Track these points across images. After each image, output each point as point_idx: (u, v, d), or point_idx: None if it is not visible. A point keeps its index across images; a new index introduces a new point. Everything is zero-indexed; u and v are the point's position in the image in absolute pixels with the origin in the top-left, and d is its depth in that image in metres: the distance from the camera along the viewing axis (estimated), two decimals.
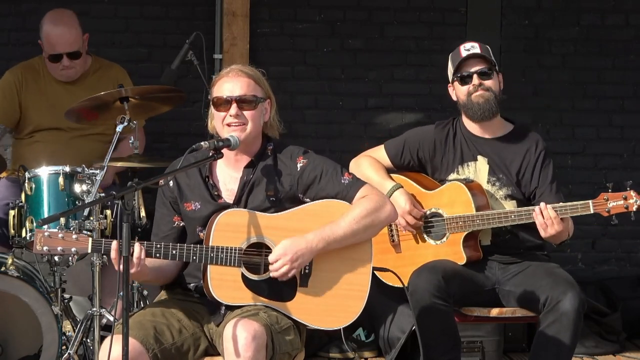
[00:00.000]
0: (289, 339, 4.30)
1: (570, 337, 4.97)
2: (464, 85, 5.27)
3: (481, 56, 5.26)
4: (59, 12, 6.06)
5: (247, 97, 4.44)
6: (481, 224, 5.14)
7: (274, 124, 4.56)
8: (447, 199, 5.24)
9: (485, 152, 5.30)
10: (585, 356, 6.45)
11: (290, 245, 4.32)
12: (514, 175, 5.26)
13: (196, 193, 4.50)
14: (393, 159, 5.43)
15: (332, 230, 4.37)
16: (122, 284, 3.99)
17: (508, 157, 5.28)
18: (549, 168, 5.26)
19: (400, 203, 5.24)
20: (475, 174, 5.29)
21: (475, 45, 5.29)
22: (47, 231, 4.25)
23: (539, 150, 5.28)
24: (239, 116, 4.43)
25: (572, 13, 7.28)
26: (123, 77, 6.22)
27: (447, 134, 5.36)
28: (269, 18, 7.07)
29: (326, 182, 4.47)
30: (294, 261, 4.31)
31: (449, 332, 5.11)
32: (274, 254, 4.32)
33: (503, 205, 5.24)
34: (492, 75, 5.26)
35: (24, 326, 5.35)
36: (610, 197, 4.97)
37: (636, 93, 7.35)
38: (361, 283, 4.44)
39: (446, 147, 5.35)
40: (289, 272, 4.32)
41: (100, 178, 5.26)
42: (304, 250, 4.33)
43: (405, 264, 5.27)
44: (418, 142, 5.39)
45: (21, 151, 6.14)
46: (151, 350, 4.24)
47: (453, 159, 5.32)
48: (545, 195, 5.21)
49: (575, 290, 4.99)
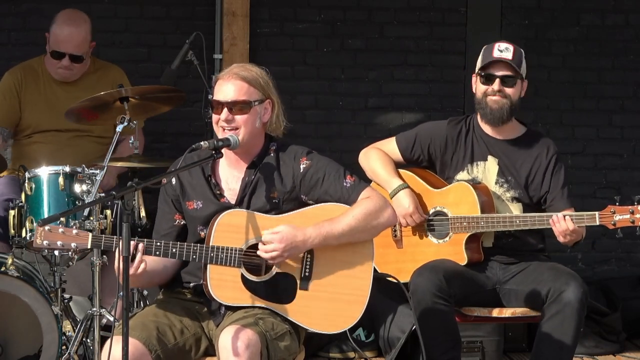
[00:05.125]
0: (284, 345, 4.29)
1: (574, 327, 4.97)
2: (484, 84, 5.25)
3: (509, 63, 5.20)
4: (76, 12, 6.07)
5: (238, 102, 4.42)
6: (485, 226, 5.13)
7: (278, 124, 4.54)
8: (453, 199, 5.23)
9: (496, 153, 5.29)
10: (585, 356, 6.45)
11: (288, 233, 4.31)
12: (523, 178, 5.25)
13: (199, 192, 4.50)
14: (403, 152, 5.41)
15: (331, 226, 4.36)
16: (122, 284, 3.99)
17: (518, 160, 5.27)
18: (561, 173, 5.25)
19: (404, 204, 5.23)
20: (484, 173, 5.28)
21: (509, 48, 5.23)
22: (48, 225, 4.26)
23: (551, 154, 5.26)
24: (231, 121, 4.42)
25: (572, 13, 7.29)
26: (122, 77, 6.22)
27: (460, 131, 5.35)
28: (269, 18, 7.07)
29: (329, 184, 4.46)
30: (285, 250, 4.31)
31: (449, 332, 5.11)
32: (270, 235, 4.32)
33: (509, 207, 5.24)
34: (515, 83, 5.22)
35: (24, 326, 5.35)
36: (617, 210, 4.96)
37: (636, 93, 7.35)
38: (361, 288, 4.43)
39: (457, 145, 5.33)
40: (277, 258, 4.32)
41: (100, 178, 5.25)
42: (299, 242, 4.32)
43: (406, 260, 5.28)
44: (430, 137, 5.37)
45: (20, 151, 6.14)
46: (154, 351, 4.24)
47: (463, 157, 5.31)
48: (556, 200, 5.20)
49: (578, 281, 5.00)
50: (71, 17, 6.03)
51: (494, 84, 5.22)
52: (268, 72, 4.53)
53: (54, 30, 5.99)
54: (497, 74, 5.22)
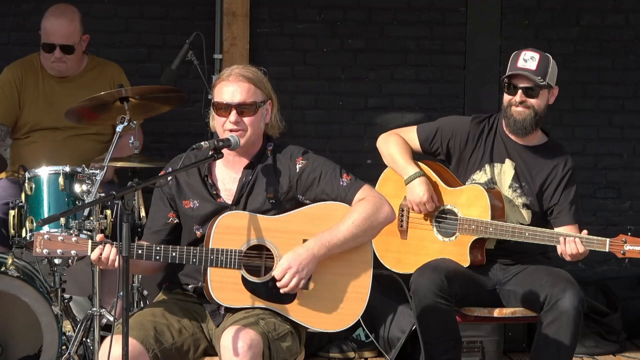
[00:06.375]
0: (286, 346, 4.29)
1: (570, 335, 4.96)
2: (508, 94, 5.23)
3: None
4: (63, 5, 6.10)
5: (247, 104, 4.42)
6: (494, 232, 5.12)
7: (275, 124, 4.55)
8: (465, 200, 5.22)
9: (514, 157, 5.28)
10: (585, 356, 6.45)
11: (293, 257, 4.31)
12: (537, 187, 5.24)
13: (195, 191, 4.50)
14: (423, 143, 5.39)
15: (332, 235, 4.36)
16: (122, 284, 3.99)
17: (535, 168, 5.26)
18: (572, 189, 5.24)
19: (418, 191, 5.22)
20: (500, 175, 5.27)
21: (535, 57, 5.20)
22: (47, 234, 4.26)
23: (567, 168, 5.25)
24: (239, 123, 4.42)
25: (572, 13, 7.28)
26: (120, 75, 6.22)
27: (482, 130, 5.33)
28: (269, 18, 7.07)
29: (325, 183, 4.46)
30: (300, 272, 4.30)
31: (450, 332, 5.11)
32: (279, 269, 4.31)
33: (520, 212, 5.23)
34: (538, 93, 5.18)
35: (24, 326, 5.35)
36: (628, 241, 4.94)
37: (636, 93, 7.35)
38: (362, 285, 4.43)
39: (478, 143, 5.32)
40: (299, 283, 4.31)
41: (100, 178, 5.25)
42: (307, 259, 4.32)
43: (408, 252, 5.28)
44: (452, 131, 5.35)
45: (19, 151, 6.14)
46: (151, 350, 4.24)
47: (482, 156, 5.30)
48: (562, 214, 5.20)
49: (574, 289, 4.99)
50: (59, 9, 6.06)
51: (517, 95, 5.19)
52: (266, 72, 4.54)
53: (43, 24, 6.02)
54: (519, 85, 5.19)
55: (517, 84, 5.20)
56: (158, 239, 4.50)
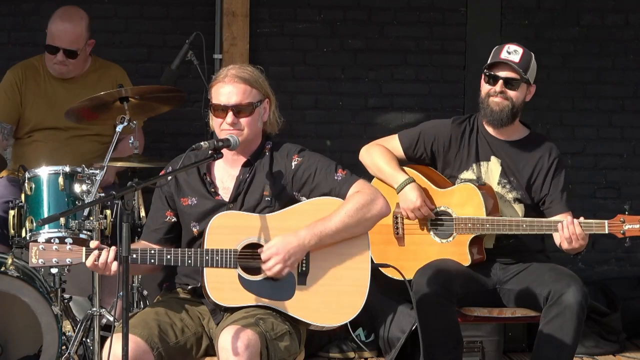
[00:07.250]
0: (284, 346, 4.28)
1: (573, 330, 4.97)
2: (488, 84, 5.25)
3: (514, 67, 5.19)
4: (72, 8, 6.10)
5: (243, 105, 4.43)
6: (491, 228, 5.13)
7: (274, 122, 4.56)
8: (458, 199, 5.22)
9: (499, 154, 5.29)
10: (585, 356, 6.45)
11: (282, 242, 4.31)
12: (525, 180, 5.24)
13: (193, 189, 4.50)
14: (406, 150, 5.40)
15: (324, 225, 4.35)
16: (122, 284, 3.99)
17: (521, 162, 5.27)
18: (561, 177, 5.25)
19: (411, 197, 5.22)
20: (487, 174, 5.28)
21: (519, 51, 5.23)
22: (42, 244, 4.27)
23: (553, 157, 5.26)
24: (236, 124, 4.42)
25: (572, 13, 7.29)
26: (122, 76, 6.23)
27: (464, 131, 5.34)
28: (269, 18, 7.07)
29: (320, 179, 4.46)
30: (286, 260, 4.29)
31: (451, 332, 5.11)
32: (265, 252, 4.31)
33: (512, 208, 5.23)
34: (518, 86, 5.21)
35: (24, 326, 5.35)
36: (626, 220, 4.96)
37: (636, 93, 7.35)
38: (361, 278, 4.41)
39: (461, 144, 5.33)
40: (283, 270, 4.30)
41: (100, 178, 5.26)
42: (296, 247, 4.31)
43: (408, 258, 5.27)
44: (434, 135, 5.36)
45: (20, 151, 6.15)
46: (156, 349, 4.25)
47: (467, 157, 5.31)
48: (554, 203, 5.20)
49: (578, 284, 5.00)
50: (68, 12, 6.05)
51: (497, 85, 5.21)
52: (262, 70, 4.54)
53: (50, 25, 6.03)
54: (501, 76, 5.21)
55: (498, 73, 5.21)
56: (156, 237, 4.51)
